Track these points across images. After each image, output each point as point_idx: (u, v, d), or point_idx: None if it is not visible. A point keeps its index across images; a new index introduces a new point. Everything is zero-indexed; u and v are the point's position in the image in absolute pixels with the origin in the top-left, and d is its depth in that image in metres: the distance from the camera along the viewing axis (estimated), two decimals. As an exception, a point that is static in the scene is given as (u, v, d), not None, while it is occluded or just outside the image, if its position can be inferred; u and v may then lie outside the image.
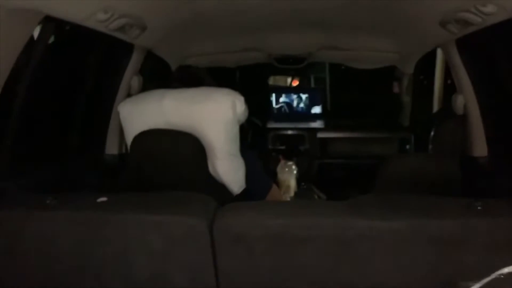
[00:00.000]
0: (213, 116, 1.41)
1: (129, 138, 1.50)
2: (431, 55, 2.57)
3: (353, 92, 3.62)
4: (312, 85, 3.91)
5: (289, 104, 3.01)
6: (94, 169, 1.89)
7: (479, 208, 0.88)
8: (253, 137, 2.68)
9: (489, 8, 1.23)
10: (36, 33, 1.36)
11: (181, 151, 1.46)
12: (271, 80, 3.46)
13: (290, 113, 3.00)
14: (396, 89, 3.00)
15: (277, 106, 3.02)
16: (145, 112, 1.48)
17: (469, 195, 1.64)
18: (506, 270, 0.86)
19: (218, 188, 1.52)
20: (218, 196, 1.56)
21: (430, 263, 0.86)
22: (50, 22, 1.30)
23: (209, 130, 1.42)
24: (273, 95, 2.99)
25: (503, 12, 1.23)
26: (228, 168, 1.46)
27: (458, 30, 1.52)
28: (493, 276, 0.85)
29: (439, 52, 4.21)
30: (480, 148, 1.86)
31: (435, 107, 4.44)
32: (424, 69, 2.55)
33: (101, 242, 0.89)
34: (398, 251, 0.86)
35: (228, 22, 2.01)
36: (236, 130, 1.44)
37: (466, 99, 1.85)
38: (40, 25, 1.29)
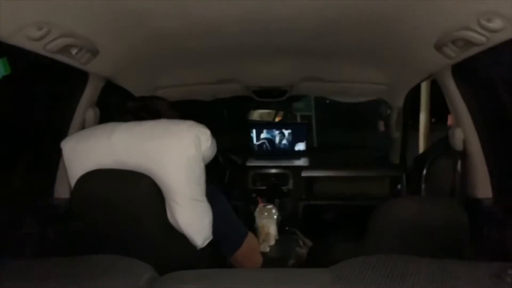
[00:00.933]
0: (172, 154, 1.18)
1: (73, 180, 1.26)
2: (415, 90, 2.41)
3: (340, 127, 3.45)
4: (298, 119, 3.74)
5: (271, 141, 2.79)
6: (38, 216, 1.61)
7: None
8: (231, 177, 2.44)
9: (495, 24, 1.04)
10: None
11: (133, 195, 1.21)
12: (255, 115, 3.26)
13: (272, 150, 2.78)
14: (381, 128, 2.84)
15: (258, 142, 2.80)
16: (91, 150, 1.25)
17: (479, 245, 1.41)
18: None
19: (178, 241, 1.26)
20: (178, 251, 1.29)
21: None
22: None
23: (167, 170, 1.19)
24: (254, 131, 2.78)
25: (510, 29, 1.03)
26: (190, 216, 1.22)
27: (456, 54, 1.33)
28: None
29: (423, 87, 4.11)
30: (483, 188, 1.64)
31: (421, 145, 4.30)
32: (407, 106, 2.38)
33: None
34: None
35: (200, 51, 1.81)
36: (200, 170, 1.21)
37: (465, 133, 1.65)
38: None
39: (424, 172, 2.19)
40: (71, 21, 1.17)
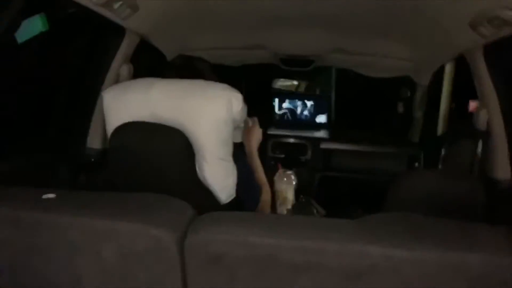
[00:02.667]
0: (205, 113, 1.23)
1: (110, 129, 1.33)
2: (439, 71, 2.40)
3: (360, 102, 3.44)
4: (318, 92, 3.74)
5: (292, 111, 2.83)
6: (70, 164, 1.70)
7: (529, 240, 0.68)
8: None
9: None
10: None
11: (168, 148, 1.27)
12: (277, 85, 3.27)
13: (293, 121, 2.82)
14: (400, 109, 2.85)
15: (280, 112, 2.84)
16: (129, 102, 1.31)
17: (493, 223, 1.45)
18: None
19: (205, 195, 1.33)
20: (204, 204, 1.37)
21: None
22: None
23: (199, 128, 1.24)
24: (276, 100, 2.81)
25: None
26: (216, 173, 1.28)
27: (490, 33, 1.33)
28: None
29: (447, 69, 4.06)
30: (503, 169, 1.66)
31: (440, 127, 4.27)
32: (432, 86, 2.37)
33: (42, 249, 0.69)
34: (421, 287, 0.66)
35: (232, 15, 1.84)
36: (229, 131, 1.26)
37: (490, 114, 1.66)
38: None
39: (443, 152, 2.21)
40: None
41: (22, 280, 0.72)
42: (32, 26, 1.50)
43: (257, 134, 1.70)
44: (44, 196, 0.74)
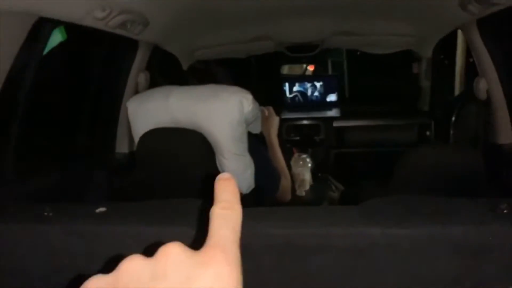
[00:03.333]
0: (219, 115, 1.37)
1: (136, 135, 1.49)
2: (452, 33, 2.44)
3: (372, 76, 3.49)
4: (330, 69, 3.81)
5: (303, 93, 2.93)
6: (103, 169, 1.87)
7: (505, 211, 0.80)
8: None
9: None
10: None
11: (190, 149, 1.43)
12: (286, 70, 3.37)
13: (305, 102, 2.93)
14: (415, 70, 2.87)
15: (291, 95, 2.94)
16: (151, 110, 1.46)
17: (495, 187, 1.56)
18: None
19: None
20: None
21: (451, 273, 0.79)
22: (47, 23, 1.26)
23: (215, 129, 1.38)
24: (286, 84, 2.91)
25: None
26: (235, 167, 1.43)
27: (479, 11, 1.41)
28: (522, 285, 0.78)
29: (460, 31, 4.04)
30: (505, 135, 1.76)
31: (457, 88, 4.28)
32: (445, 49, 2.42)
33: (98, 256, 0.85)
34: (416, 260, 0.79)
35: (235, 12, 1.94)
36: (242, 129, 1.40)
37: (489, 83, 1.74)
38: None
39: (453, 119, 2.29)
40: (128, 0, 1.34)
41: (83, 281, 0.88)
42: (52, 38, 1.65)
43: (274, 123, 1.84)
44: (97, 210, 0.89)
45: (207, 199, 1.02)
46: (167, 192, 1.52)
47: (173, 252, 0.29)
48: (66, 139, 1.81)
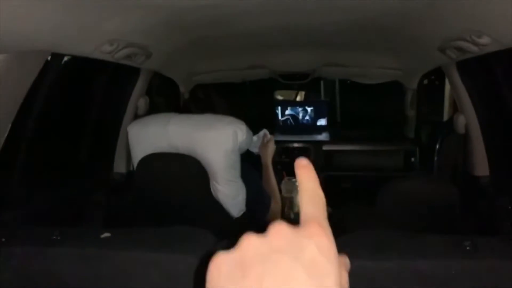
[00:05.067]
0: (214, 144, 1.46)
1: (136, 158, 1.57)
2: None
3: (362, 102, 3.61)
4: (322, 91, 3.94)
5: (294, 117, 3.05)
6: (102, 187, 1.95)
7: (467, 248, 0.90)
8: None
9: (484, 40, 1.25)
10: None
11: (186, 174, 1.51)
12: (278, 95, 3.50)
13: (296, 126, 3.04)
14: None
15: (283, 118, 3.06)
16: (151, 135, 1.54)
17: (469, 218, 1.67)
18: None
19: (220, 210, 1.57)
20: (219, 218, 1.61)
21: (418, 302, 0.89)
22: (58, 56, 1.36)
23: (210, 156, 1.47)
24: (279, 107, 3.03)
25: (497, 44, 1.25)
26: (227, 193, 1.51)
27: (457, 56, 1.54)
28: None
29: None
30: (481, 167, 1.88)
31: (446, 111, 4.42)
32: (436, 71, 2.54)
33: (104, 278, 0.94)
34: (387, 289, 0.89)
35: (233, 43, 2.06)
36: (236, 158, 1.49)
37: (467, 119, 1.87)
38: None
39: (437, 146, 2.41)
40: (134, 35, 1.45)
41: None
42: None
43: (271, 148, 1.95)
44: (102, 236, 0.98)
45: (202, 222, 1.10)
46: (162, 214, 1.61)
47: (283, 229, 0.34)
48: (66, 159, 1.89)
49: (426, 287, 0.88)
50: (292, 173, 2.07)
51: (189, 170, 1.52)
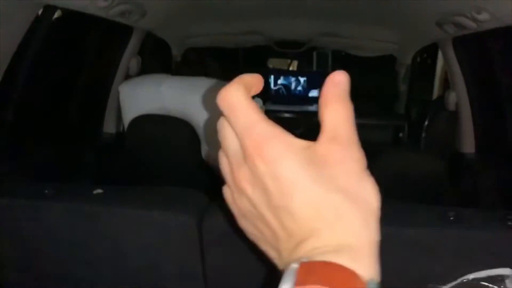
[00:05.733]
0: (206, 107, 1.45)
1: (127, 118, 1.56)
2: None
3: (355, 75, 3.60)
4: (315, 62, 3.91)
5: (287, 87, 3.03)
6: (91, 148, 1.94)
7: (451, 218, 0.93)
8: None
9: (483, 16, 1.25)
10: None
11: (178, 137, 1.52)
12: (272, 63, 3.46)
13: (288, 96, 3.03)
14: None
15: (275, 88, 3.04)
16: (143, 96, 1.53)
17: (454, 193, 1.72)
18: (471, 276, 0.93)
19: (209, 174, 1.59)
20: (210, 181, 1.63)
21: (402, 267, 0.92)
22: (50, 8, 1.32)
23: (202, 120, 1.47)
24: (272, 76, 3.01)
25: (496, 21, 1.25)
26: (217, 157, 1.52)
27: (454, 32, 1.54)
28: (459, 280, 0.92)
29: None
30: (468, 145, 1.91)
31: (436, 90, 4.46)
32: (429, 48, 2.54)
33: (96, 233, 0.95)
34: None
35: (229, 6, 2.01)
36: None
37: (458, 97, 1.89)
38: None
39: (426, 123, 2.44)
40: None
41: (81, 254, 0.98)
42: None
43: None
44: (95, 192, 0.98)
45: (191, 185, 1.12)
46: (153, 176, 1.61)
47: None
48: (56, 118, 1.87)
49: (411, 254, 0.91)
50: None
51: (180, 132, 1.52)
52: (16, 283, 1.01)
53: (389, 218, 0.96)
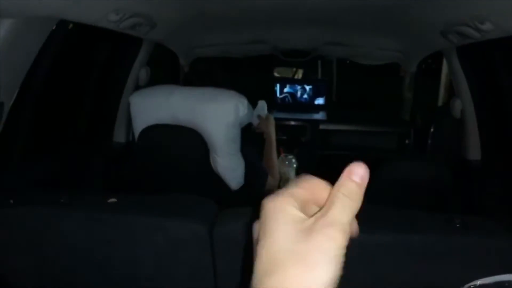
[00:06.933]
0: (216, 117, 1.48)
1: (137, 128, 1.59)
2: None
3: (359, 83, 3.64)
4: (320, 71, 3.95)
5: (292, 95, 3.06)
6: (101, 156, 1.98)
7: (457, 225, 0.95)
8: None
9: (487, 26, 1.28)
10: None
11: (188, 146, 1.54)
12: (278, 72, 3.51)
13: (294, 104, 3.06)
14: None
15: (281, 96, 3.07)
16: (153, 106, 1.56)
17: (460, 200, 1.73)
18: (478, 282, 0.94)
19: (218, 182, 1.61)
20: (218, 190, 1.66)
21: (409, 274, 0.94)
22: (63, 23, 1.36)
23: (211, 129, 1.50)
24: (277, 85, 3.04)
25: (499, 31, 1.27)
26: (227, 166, 1.55)
27: (458, 41, 1.56)
28: (465, 286, 0.94)
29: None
30: (474, 152, 1.93)
31: (441, 96, 4.47)
32: (434, 55, 2.56)
33: (110, 241, 0.98)
34: (380, 262, 0.94)
35: (235, 17, 2.05)
36: (236, 131, 1.52)
37: (464, 104, 1.91)
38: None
39: (432, 130, 2.45)
40: (139, 5, 1.45)
41: (95, 261, 1.01)
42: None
43: (273, 123, 1.99)
44: (109, 201, 1.02)
45: (201, 193, 1.15)
46: (163, 184, 1.64)
47: None
48: (68, 128, 1.91)
49: (417, 261, 0.93)
50: (288, 150, 2.13)
51: (190, 142, 1.55)
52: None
53: (394, 225, 0.99)
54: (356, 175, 0.37)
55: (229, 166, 1.57)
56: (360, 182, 0.37)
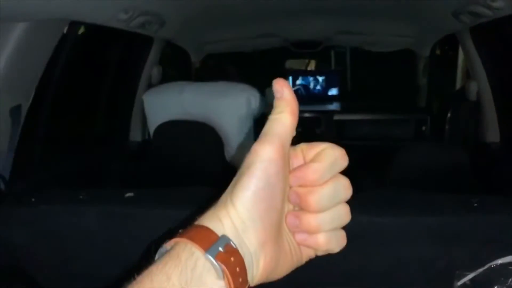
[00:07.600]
0: (229, 111, 1.49)
1: (152, 126, 1.61)
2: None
3: (374, 71, 3.59)
4: (333, 61, 3.91)
5: (305, 87, 3.04)
6: (119, 155, 2.01)
7: (475, 205, 0.94)
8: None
9: (498, 3, 1.25)
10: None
11: (202, 140, 1.56)
12: (289, 64, 3.49)
13: (307, 95, 3.04)
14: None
15: (294, 88, 3.06)
16: (166, 103, 1.58)
17: (479, 184, 1.70)
18: (499, 261, 0.93)
19: (234, 175, 1.62)
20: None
21: (427, 256, 0.93)
22: (75, 24, 1.39)
23: (224, 123, 1.51)
24: (290, 78, 3.02)
25: (511, 7, 1.24)
26: (241, 159, 1.55)
27: (470, 21, 1.54)
28: (487, 266, 0.92)
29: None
30: (493, 134, 1.89)
31: (459, 80, 4.38)
32: (450, 40, 2.51)
33: (128, 234, 1.00)
34: (397, 244, 0.94)
35: (244, 10, 2.06)
36: (250, 123, 1.52)
37: (479, 86, 1.87)
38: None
39: (449, 115, 2.41)
40: (148, 3, 1.47)
41: (115, 255, 1.03)
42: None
43: None
44: (126, 195, 1.04)
45: (217, 187, 1.16)
46: (179, 179, 1.66)
47: None
48: (84, 128, 1.95)
49: (435, 242, 0.92)
50: (303, 142, 2.13)
51: (204, 136, 1.56)
52: (54, 284, 1.06)
53: (412, 207, 0.98)
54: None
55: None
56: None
